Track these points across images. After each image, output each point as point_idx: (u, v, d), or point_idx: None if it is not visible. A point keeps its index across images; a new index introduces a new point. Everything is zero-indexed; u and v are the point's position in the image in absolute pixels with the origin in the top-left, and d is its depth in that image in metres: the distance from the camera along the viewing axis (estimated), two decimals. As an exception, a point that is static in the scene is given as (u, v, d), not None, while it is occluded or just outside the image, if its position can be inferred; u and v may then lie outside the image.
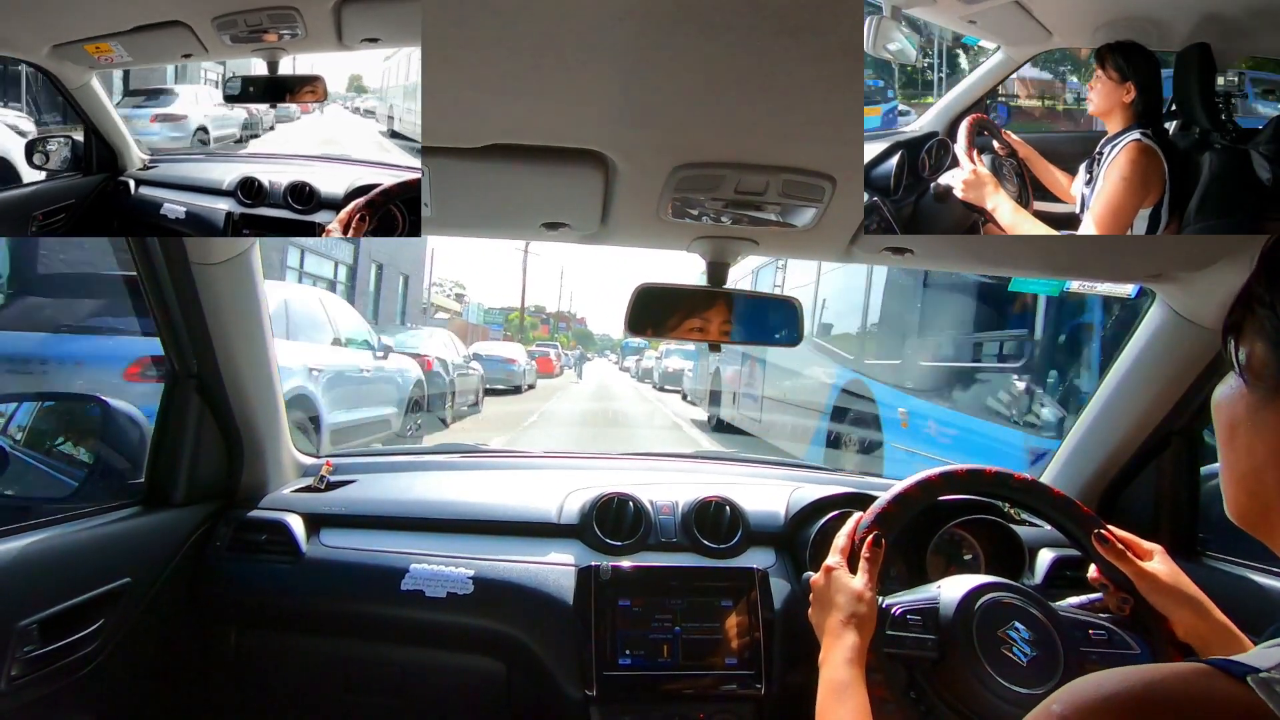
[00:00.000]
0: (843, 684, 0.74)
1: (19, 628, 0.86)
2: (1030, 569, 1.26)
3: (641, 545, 1.25)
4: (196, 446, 1.19)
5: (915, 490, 0.90)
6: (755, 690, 1.13)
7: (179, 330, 1.11)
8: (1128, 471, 1.32)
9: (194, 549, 1.18)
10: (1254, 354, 0.43)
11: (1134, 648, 0.82)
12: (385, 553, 1.21)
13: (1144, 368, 1.24)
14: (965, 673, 0.78)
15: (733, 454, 1.90)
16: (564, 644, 1.14)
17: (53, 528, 0.97)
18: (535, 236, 1.12)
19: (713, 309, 1.10)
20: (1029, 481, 0.94)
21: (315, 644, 1.23)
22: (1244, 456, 0.45)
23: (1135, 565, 0.83)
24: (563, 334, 51.61)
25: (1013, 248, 1.06)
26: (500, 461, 1.65)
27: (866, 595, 0.80)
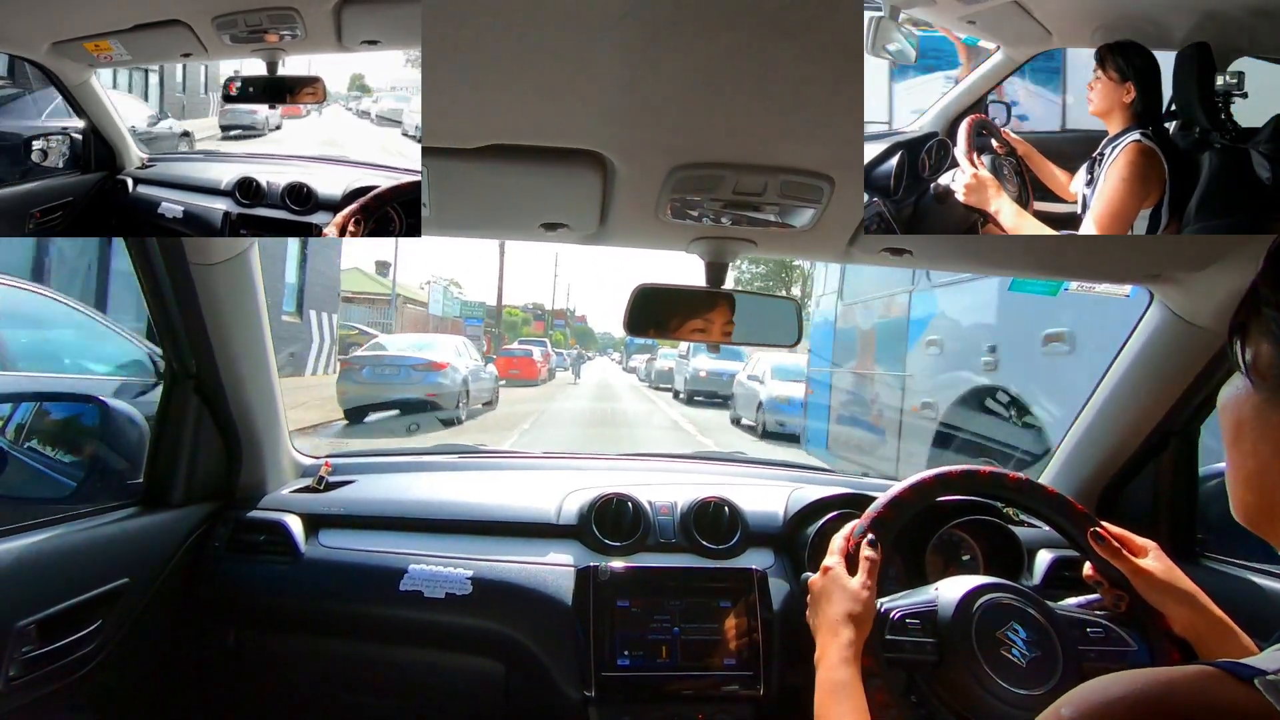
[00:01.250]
0: (840, 684, 0.74)
1: (17, 628, 0.86)
2: (1028, 569, 1.26)
3: (640, 546, 1.25)
4: (195, 447, 1.19)
5: (910, 493, 0.90)
6: (754, 691, 1.13)
7: (177, 330, 1.11)
8: (1125, 472, 1.32)
9: (193, 549, 1.18)
10: (1259, 354, 0.43)
11: (1131, 644, 0.82)
12: (384, 553, 1.20)
13: (1142, 368, 1.24)
14: (965, 675, 0.78)
15: (732, 454, 1.90)
16: (563, 644, 1.14)
17: (51, 528, 0.97)
18: (534, 237, 1.12)
19: (713, 309, 1.10)
20: (1023, 481, 0.94)
21: (313, 644, 1.22)
22: (1250, 457, 0.45)
23: (1130, 562, 0.83)
24: (559, 330, 48.42)
25: (1011, 248, 1.06)
26: (499, 462, 1.65)
27: (863, 595, 0.80)
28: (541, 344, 23.18)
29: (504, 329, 34.59)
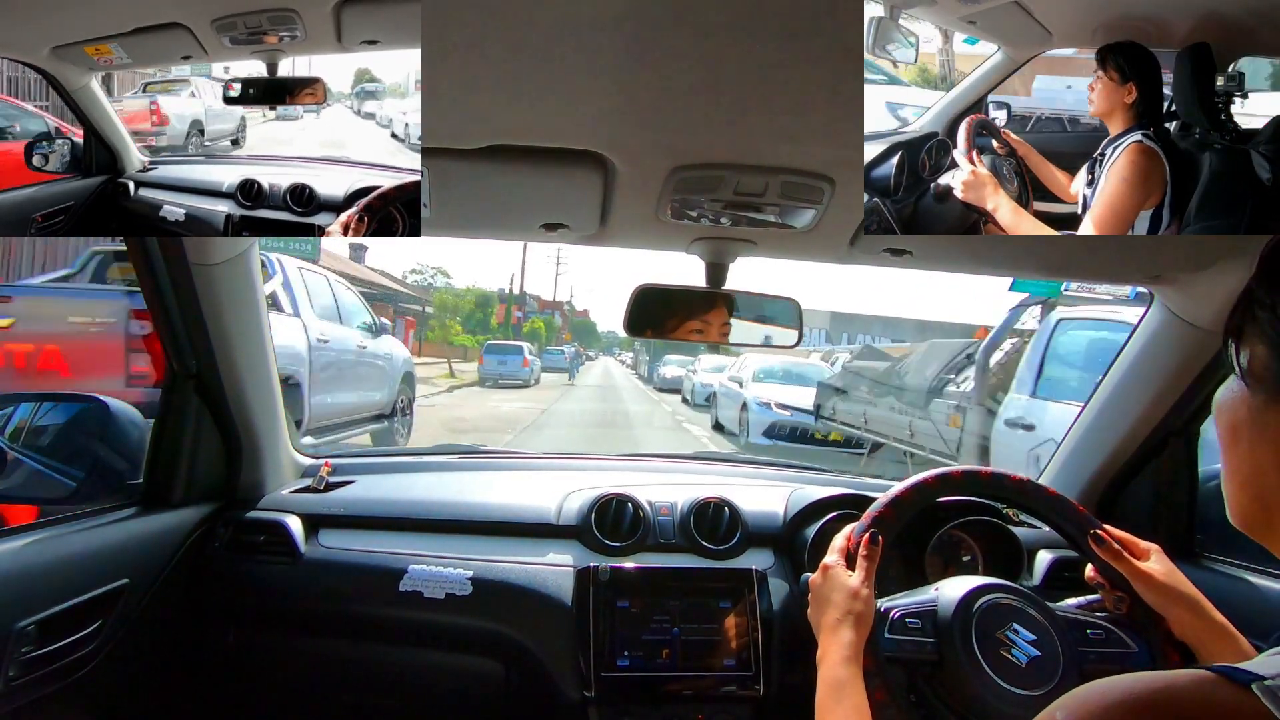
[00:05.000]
0: (840, 682, 0.74)
1: (17, 629, 0.86)
2: (1028, 570, 1.26)
3: (640, 546, 1.25)
4: (195, 447, 1.19)
5: (911, 493, 0.90)
6: (754, 691, 1.13)
7: (178, 331, 1.11)
8: (1125, 473, 1.32)
9: (192, 550, 1.18)
10: (1255, 357, 0.43)
11: (1131, 646, 0.82)
12: (383, 553, 1.20)
13: (1142, 369, 1.24)
14: (965, 675, 0.78)
15: (731, 455, 1.90)
16: (562, 645, 1.14)
17: (51, 528, 0.97)
18: (535, 237, 1.12)
19: (713, 310, 1.10)
20: (1024, 482, 0.94)
21: (313, 645, 1.22)
22: (1246, 460, 0.45)
23: (1132, 565, 0.83)
24: (536, 317, 37.94)
25: (1012, 248, 1.06)
26: (499, 462, 1.65)
27: (863, 593, 0.81)
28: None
29: (441, 312, 27.91)
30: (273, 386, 1.29)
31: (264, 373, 1.26)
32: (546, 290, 50.23)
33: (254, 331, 1.20)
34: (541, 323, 37.98)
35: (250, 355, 1.20)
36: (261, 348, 1.23)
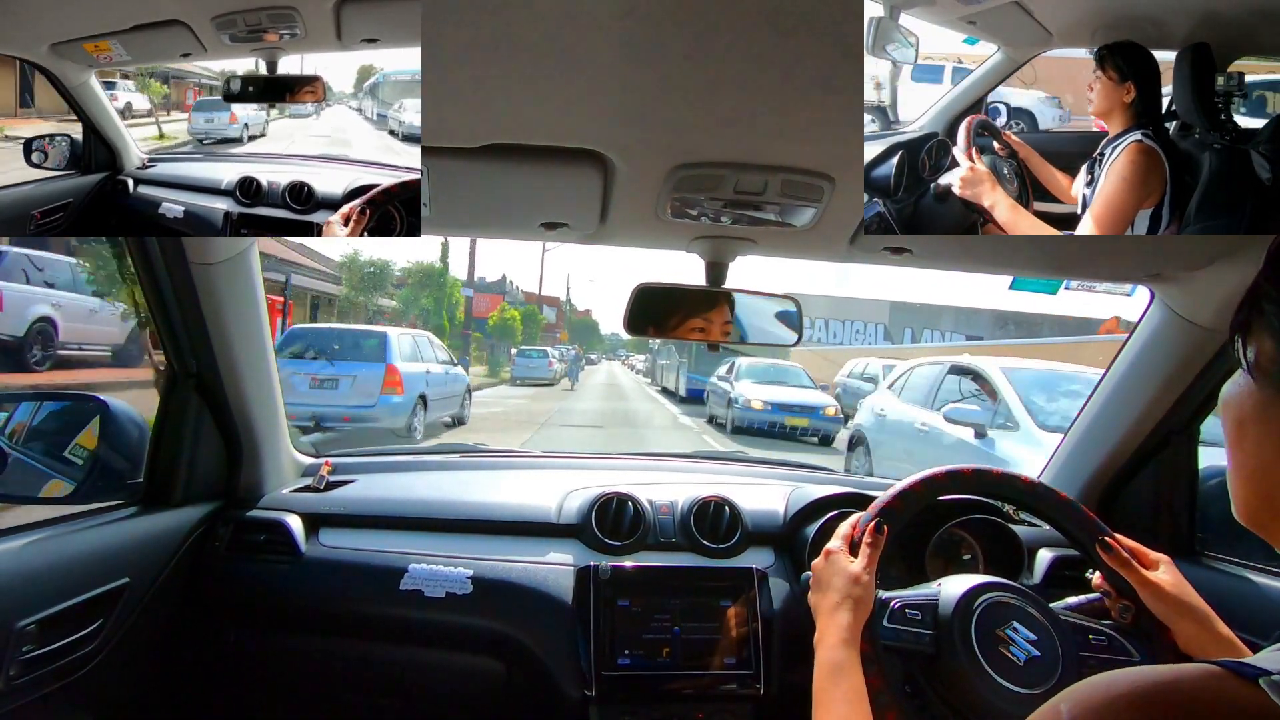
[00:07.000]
0: (838, 664, 0.75)
1: (18, 628, 0.86)
2: (1029, 568, 1.26)
3: (640, 545, 1.25)
4: (195, 446, 1.19)
5: (920, 487, 0.90)
6: (754, 690, 1.13)
7: (178, 330, 1.11)
8: (1126, 471, 1.32)
9: (193, 549, 1.18)
10: (1262, 351, 0.43)
11: (1133, 654, 0.81)
12: (384, 553, 1.20)
13: (1142, 367, 1.24)
14: (962, 670, 0.78)
15: (732, 454, 1.90)
16: (563, 644, 1.14)
17: (52, 528, 0.97)
18: (534, 236, 1.12)
19: (713, 309, 1.10)
20: (1034, 484, 0.94)
21: (314, 644, 1.22)
22: (1252, 455, 0.45)
23: (1140, 574, 0.83)
24: (516, 307, 29.27)
25: (1012, 247, 1.06)
26: (499, 461, 1.65)
27: (864, 578, 0.81)
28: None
29: (353, 291, 17.52)
30: (273, 386, 1.29)
31: (264, 372, 1.25)
32: (531, 282, 44.07)
33: (254, 331, 1.19)
34: (517, 313, 27.86)
35: (250, 355, 1.20)
36: (261, 347, 1.23)
